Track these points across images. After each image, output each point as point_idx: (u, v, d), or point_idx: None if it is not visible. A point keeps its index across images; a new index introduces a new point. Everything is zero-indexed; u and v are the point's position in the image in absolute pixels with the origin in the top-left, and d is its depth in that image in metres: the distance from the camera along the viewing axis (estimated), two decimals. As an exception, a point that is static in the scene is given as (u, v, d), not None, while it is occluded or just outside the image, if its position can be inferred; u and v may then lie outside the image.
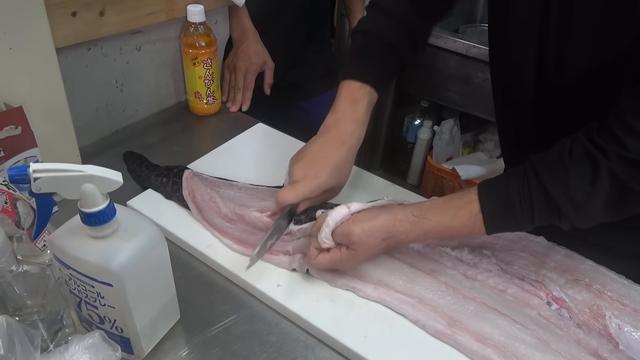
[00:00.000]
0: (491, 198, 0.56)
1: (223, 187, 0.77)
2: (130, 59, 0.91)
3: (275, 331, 0.60)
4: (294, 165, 0.68)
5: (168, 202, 0.76)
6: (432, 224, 0.57)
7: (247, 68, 1.04)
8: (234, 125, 0.98)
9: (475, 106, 1.72)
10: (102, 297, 0.49)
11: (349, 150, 0.69)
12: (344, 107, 0.70)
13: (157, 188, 0.77)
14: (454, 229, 0.57)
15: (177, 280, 0.58)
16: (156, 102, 1.01)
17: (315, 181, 0.66)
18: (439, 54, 1.67)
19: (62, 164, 0.44)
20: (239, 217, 0.71)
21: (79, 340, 0.42)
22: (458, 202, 0.57)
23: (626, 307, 0.60)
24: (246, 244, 0.68)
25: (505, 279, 0.63)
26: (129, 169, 0.82)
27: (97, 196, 0.45)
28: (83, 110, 0.87)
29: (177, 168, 0.78)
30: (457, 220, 0.57)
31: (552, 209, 0.53)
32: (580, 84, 0.60)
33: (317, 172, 0.66)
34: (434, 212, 0.58)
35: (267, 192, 0.76)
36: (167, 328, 0.59)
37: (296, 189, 0.66)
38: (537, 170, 0.54)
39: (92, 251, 0.47)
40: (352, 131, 0.69)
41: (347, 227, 0.59)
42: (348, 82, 0.72)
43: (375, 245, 0.59)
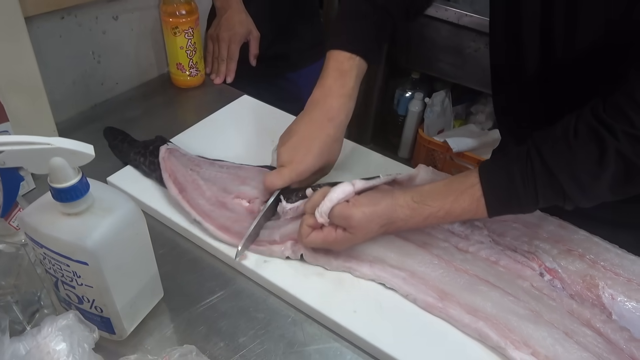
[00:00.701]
0: (493, 182, 0.53)
1: (203, 166, 0.73)
2: (107, 28, 0.87)
3: (262, 308, 0.59)
4: (281, 148, 0.66)
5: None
6: (433, 210, 0.55)
7: (230, 38, 1.00)
8: (218, 98, 0.95)
9: (468, 77, 1.69)
10: (78, 276, 0.47)
11: (337, 128, 0.66)
12: (331, 81, 0.67)
13: (136, 166, 0.74)
14: (455, 215, 0.55)
15: (160, 258, 0.56)
16: (136, 74, 0.97)
17: (303, 165, 0.64)
18: (430, 24, 1.63)
19: (28, 137, 0.42)
20: (221, 204, 0.68)
21: (53, 321, 0.40)
22: (459, 186, 0.55)
23: (619, 276, 0.59)
24: (229, 232, 0.64)
25: (497, 251, 0.62)
26: (110, 146, 0.78)
27: (67, 170, 0.43)
28: (58, 83, 0.84)
29: (153, 145, 0.74)
30: (458, 205, 0.54)
31: (557, 191, 0.50)
32: (587, 60, 0.57)
33: (304, 155, 0.64)
34: (434, 198, 0.55)
35: (250, 172, 0.73)
36: (150, 307, 0.57)
37: (283, 173, 0.64)
38: (541, 151, 0.51)
39: (66, 229, 0.45)
40: (340, 106, 0.66)
41: (347, 210, 0.56)
42: (335, 52, 0.68)
43: (374, 231, 0.57)
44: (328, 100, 0.66)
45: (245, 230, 0.62)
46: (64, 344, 0.39)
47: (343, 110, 0.66)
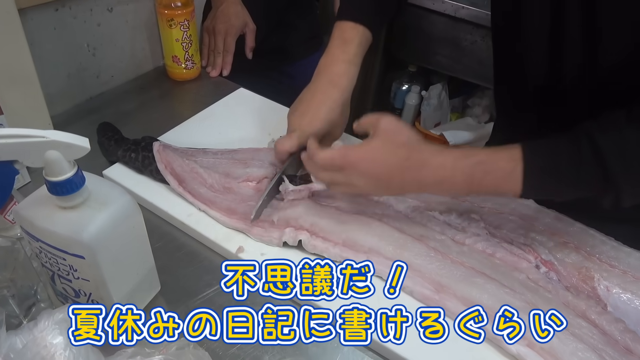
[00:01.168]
0: (536, 149, 0.50)
1: (198, 156, 0.73)
2: (102, 20, 0.86)
3: (258, 300, 0.59)
4: (290, 117, 0.69)
5: (146, 171, 0.73)
6: (462, 153, 0.52)
7: (226, 30, 1.00)
8: (214, 91, 0.94)
9: (464, 70, 1.69)
10: (74, 270, 0.47)
11: (341, 92, 0.68)
12: (334, 49, 0.70)
13: (126, 163, 0.73)
14: (487, 170, 0.51)
15: (157, 251, 0.56)
16: (132, 67, 0.96)
17: (310, 128, 0.66)
18: (427, 16, 1.62)
19: (23, 129, 0.41)
20: (226, 189, 0.69)
21: (49, 315, 0.40)
22: (497, 148, 0.53)
23: (615, 268, 0.60)
24: (236, 214, 0.65)
25: (494, 243, 0.62)
26: (98, 142, 0.77)
27: (62, 164, 0.42)
28: (53, 76, 0.83)
29: (145, 141, 0.74)
30: (494, 159, 0.51)
31: (601, 170, 0.47)
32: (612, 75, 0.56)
33: (311, 120, 0.67)
34: (472, 149, 0.54)
35: (248, 154, 0.74)
36: (147, 300, 0.57)
37: (292, 137, 0.66)
38: (591, 132, 0.48)
39: (61, 222, 0.45)
40: (342, 72, 0.69)
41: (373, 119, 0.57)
42: (341, 22, 0.70)
43: (398, 147, 0.55)
44: (330, 67, 0.69)
45: (252, 209, 0.64)
46: (61, 338, 0.39)
47: (346, 76, 0.69)
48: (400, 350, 0.53)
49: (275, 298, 0.51)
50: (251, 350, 0.53)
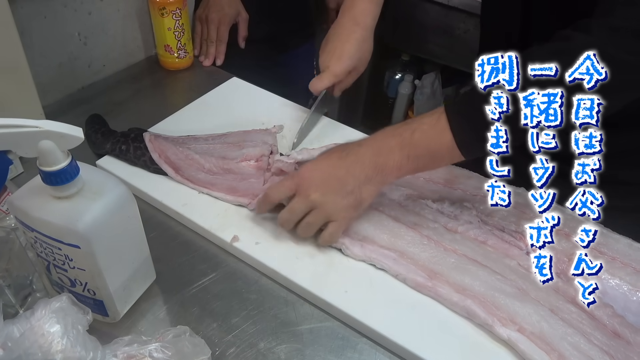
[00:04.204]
0: (456, 101, 0.55)
1: (190, 143, 0.74)
2: (93, 9, 0.85)
3: (254, 289, 0.60)
4: (320, 57, 0.77)
5: (140, 161, 0.73)
6: (394, 130, 0.57)
7: (220, 19, 0.99)
8: (207, 80, 0.94)
9: (457, 59, 1.69)
10: (70, 259, 0.47)
11: (364, 30, 0.75)
12: None
13: (117, 156, 0.72)
14: (420, 130, 0.55)
15: (152, 241, 0.56)
16: (124, 56, 0.96)
17: (338, 66, 0.75)
18: (419, 5, 1.62)
19: (16, 119, 0.41)
20: (226, 170, 0.70)
21: (46, 304, 0.40)
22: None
23: (604, 255, 0.61)
24: (238, 192, 0.67)
25: (486, 231, 0.63)
26: (85, 135, 0.76)
27: (56, 154, 0.42)
28: (44, 65, 0.82)
29: (134, 133, 0.73)
30: (420, 121, 0.55)
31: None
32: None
33: (339, 57, 0.75)
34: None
35: (240, 136, 0.75)
36: (143, 289, 0.57)
37: (323, 77, 0.75)
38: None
39: (56, 212, 0.45)
40: (364, 10, 0.74)
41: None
42: None
43: (330, 154, 0.60)
44: (354, 6, 0.75)
45: (253, 185, 0.68)
46: (58, 326, 0.39)
47: (368, 14, 0.75)
48: (393, 336, 0.54)
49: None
50: (247, 337, 0.54)
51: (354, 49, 0.75)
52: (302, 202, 0.58)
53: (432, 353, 0.52)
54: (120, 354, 0.43)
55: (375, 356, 0.54)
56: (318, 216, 0.59)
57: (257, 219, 0.66)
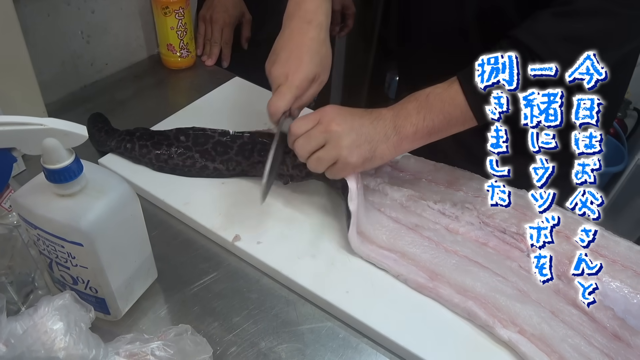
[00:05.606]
0: (467, 70, 0.56)
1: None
2: (96, 7, 0.85)
3: (256, 288, 0.60)
4: (271, 69, 0.62)
5: (142, 159, 0.73)
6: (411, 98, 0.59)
7: (224, 20, 0.99)
8: (209, 80, 0.94)
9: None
10: (73, 257, 0.47)
11: (319, 29, 0.62)
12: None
13: (121, 154, 0.73)
14: (436, 93, 0.58)
15: (153, 239, 0.56)
16: (127, 55, 0.96)
17: (298, 75, 0.60)
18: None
19: (20, 117, 0.41)
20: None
21: (49, 301, 0.40)
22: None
23: (605, 257, 0.61)
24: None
25: (487, 232, 0.63)
26: (88, 133, 0.76)
27: (60, 151, 0.42)
28: (47, 63, 0.82)
29: (139, 132, 0.73)
30: (434, 86, 0.58)
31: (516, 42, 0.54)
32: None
33: (296, 65, 0.60)
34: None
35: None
36: (144, 287, 0.57)
37: (282, 92, 0.60)
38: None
39: (60, 210, 0.45)
40: (315, 8, 0.63)
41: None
42: None
43: (359, 111, 0.61)
44: (302, 6, 0.63)
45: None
46: (61, 324, 0.40)
47: (320, 11, 0.63)
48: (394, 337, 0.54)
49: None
50: (248, 337, 0.54)
51: (313, 50, 0.61)
52: (321, 132, 0.59)
53: (433, 354, 0.52)
54: (123, 352, 0.43)
55: (375, 356, 0.54)
56: (330, 152, 0.59)
57: (259, 219, 0.66)
